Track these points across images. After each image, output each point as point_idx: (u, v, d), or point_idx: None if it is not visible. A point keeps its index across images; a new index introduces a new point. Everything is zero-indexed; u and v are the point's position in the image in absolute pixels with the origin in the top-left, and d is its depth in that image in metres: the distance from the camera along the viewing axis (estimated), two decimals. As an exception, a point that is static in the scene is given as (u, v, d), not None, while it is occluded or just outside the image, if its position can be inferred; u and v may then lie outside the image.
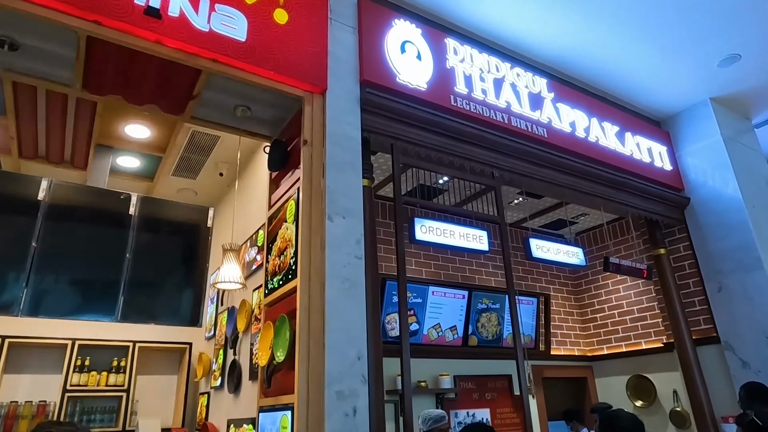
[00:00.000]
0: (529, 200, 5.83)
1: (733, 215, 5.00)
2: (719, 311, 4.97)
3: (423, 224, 3.46)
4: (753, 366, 4.64)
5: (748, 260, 4.82)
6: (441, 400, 5.05)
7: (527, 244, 4.04)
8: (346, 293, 2.81)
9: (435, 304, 5.16)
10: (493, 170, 3.99)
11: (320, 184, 3.02)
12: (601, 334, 6.45)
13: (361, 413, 2.62)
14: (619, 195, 4.86)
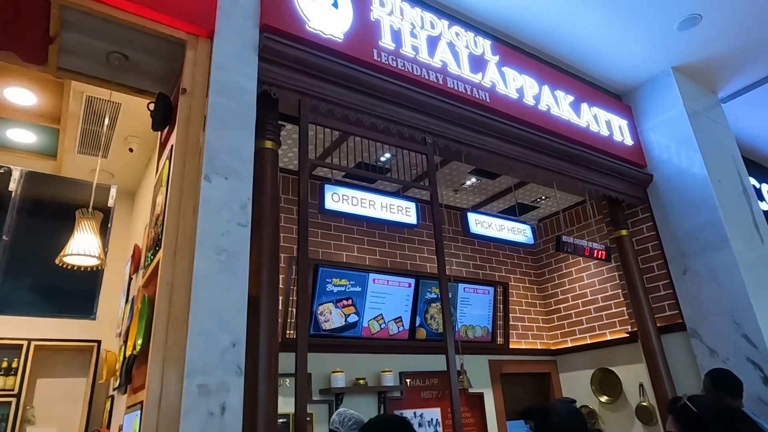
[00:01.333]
0: (483, 181, 5.39)
1: (698, 192, 4.61)
2: (684, 296, 4.57)
3: (335, 192, 2.99)
4: (720, 354, 4.23)
5: (714, 239, 4.42)
6: (384, 399, 4.56)
7: (465, 218, 3.59)
8: (222, 266, 2.31)
9: (377, 293, 4.68)
10: (425, 135, 3.53)
11: (199, 140, 2.53)
12: (565, 326, 6.03)
13: (231, 411, 2.12)
14: (574, 170, 4.43)
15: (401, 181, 3.88)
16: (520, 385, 5.78)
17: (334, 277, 4.44)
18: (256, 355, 2.52)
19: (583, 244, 4.24)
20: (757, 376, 3.99)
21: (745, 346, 4.09)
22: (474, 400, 5.17)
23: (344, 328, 4.45)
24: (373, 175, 3.32)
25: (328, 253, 4.78)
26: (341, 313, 4.44)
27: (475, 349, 5.37)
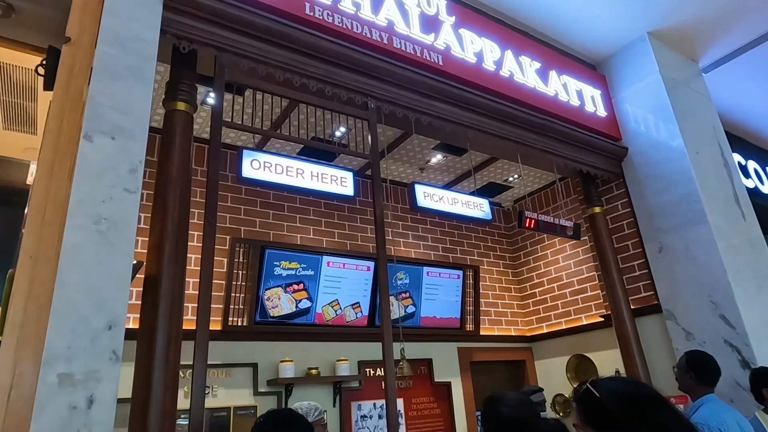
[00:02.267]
0: (450, 158, 5.07)
1: (674, 164, 4.30)
2: (660, 275, 4.27)
3: (255, 158, 2.66)
4: (697, 337, 3.94)
5: (690, 214, 4.12)
6: (339, 390, 4.27)
7: (412, 190, 3.27)
8: (100, 237, 1.99)
9: (331, 278, 4.37)
10: (367, 99, 3.20)
11: (82, 95, 2.20)
12: (540, 311, 5.74)
13: (102, 404, 1.80)
14: (540, 141, 4.11)
15: (337, 148, 3.52)
16: (494, 373, 5.49)
17: (283, 260, 4.13)
18: (151, 341, 2.20)
19: (549, 220, 3.92)
20: (735, 359, 3.70)
21: (723, 328, 3.80)
22: (441, 389, 4.88)
23: (295, 314, 4.15)
24: (301, 141, 2.99)
25: (280, 235, 4.46)
26: (291, 299, 4.13)
27: (442, 336, 5.08)
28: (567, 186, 5.50)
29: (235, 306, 3.96)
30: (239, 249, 4.05)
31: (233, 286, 3.98)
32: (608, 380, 1.04)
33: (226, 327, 3.87)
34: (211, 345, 3.85)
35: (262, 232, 4.36)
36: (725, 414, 2.73)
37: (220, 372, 3.83)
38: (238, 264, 4.03)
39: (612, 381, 1.03)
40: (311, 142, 3.32)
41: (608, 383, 1.03)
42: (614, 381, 1.02)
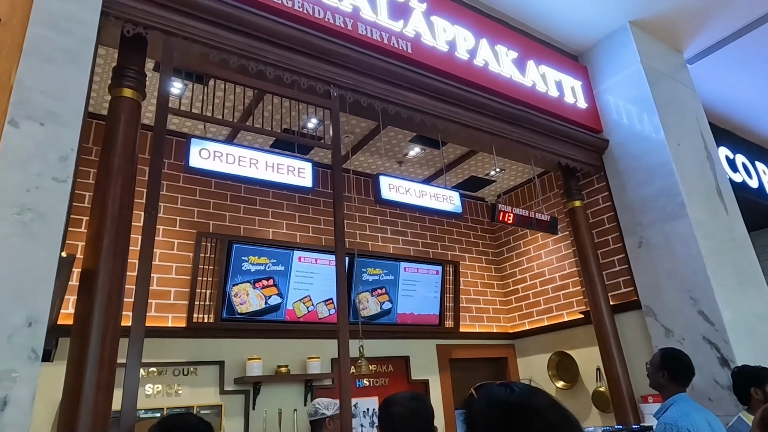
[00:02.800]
0: (428, 151, 4.95)
1: (654, 156, 4.19)
2: (640, 271, 4.16)
3: (204, 147, 2.54)
4: (676, 333, 3.84)
5: (670, 207, 4.01)
6: (311, 388, 4.16)
7: (376, 182, 3.15)
8: (22, 228, 1.87)
9: (303, 273, 4.26)
10: (329, 88, 3.08)
11: (10, 78, 2.08)
12: (522, 308, 5.63)
13: (18, 406, 1.69)
14: (515, 132, 3.99)
15: (297, 138, 3.37)
16: (475, 371, 5.38)
17: (251, 255, 4.02)
18: (85, 338, 2.09)
19: (524, 213, 3.81)
20: (714, 356, 3.59)
21: (701, 324, 3.69)
22: (418, 387, 4.77)
23: (264, 311, 4.03)
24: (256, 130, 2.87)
25: (251, 230, 4.34)
26: (260, 295, 4.01)
27: (420, 333, 4.97)
28: (550, 180, 5.39)
29: (201, 302, 3.84)
30: (206, 243, 3.93)
31: (199, 281, 3.86)
32: (494, 386, 0.92)
33: (191, 324, 3.76)
34: (175, 342, 3.77)
35: (232, 226, 4.24)
36: (696, 414, 2.62)
37: (185, 370, 3.72)
38: (204, 259, 3.91)
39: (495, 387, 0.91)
40: (271, 132, 3.18)
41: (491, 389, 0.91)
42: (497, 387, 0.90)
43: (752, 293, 3.96)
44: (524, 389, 0.87)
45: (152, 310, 3.73)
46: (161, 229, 3.95)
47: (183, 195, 4.15)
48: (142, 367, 3.58)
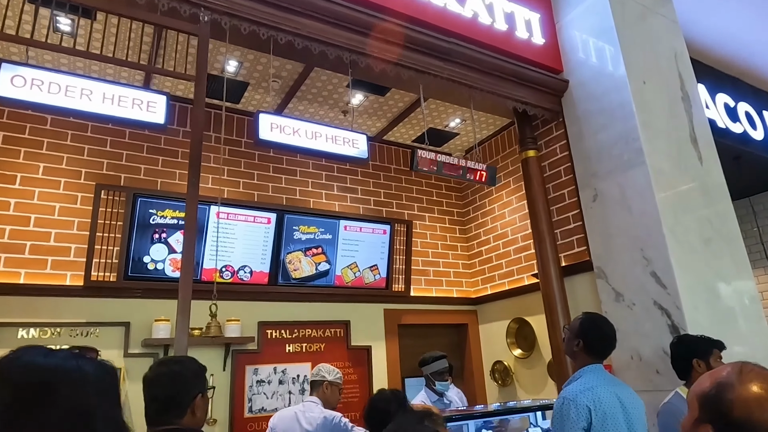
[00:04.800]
0: (373, 98, 4.49)
1: (614, 97, 3.64)
2: (593, 228, 3.68)
3: (18, 74, 2.18)
4: (626, 298, 3.37)
5: (628, 154, 3.48)
6: (230, 352, 3.89)
7: (255, 121, 2.74)
8: None
9: (222, 231, 3.93)
10: (198, 10, 2.66)
11: None
12: (485, 271, 5.20)
13: None
14: (447, 69, 3.49)
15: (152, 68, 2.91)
16: (430, 338, 5.03)
17: (160, 209, 3.71)
18: None
19: (452, 161, 3.35)
20: (664, 323, 3.13)
21: (654, 287, 3.21)
22: (359, 354, 4.46)
23: (177, 270, 3.75)
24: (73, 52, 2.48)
25: (168, 184, 4.02)
26: (175, 260, 3.72)
27: (364, 297, 4.62)
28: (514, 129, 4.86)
29: (104, 260, 3.58)
30: (107, 197, 3.63)
31: (102, 238, 3.59)
32: None
33: (89, 282, 3.50)
34: (71, 302, 3.53)
35: (147, 180, 3.93)
36: (603, 389, 2.20)
37: (84, 331, 3.49)
38: (105, 213, 3.62)
39: None
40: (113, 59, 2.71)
41: None
42: None
43: (720, 255, 3.44)
44: None
45: (48, 267, 3.49)
46: (62, 182, 3.68)
47: (90, 146, 3.85)
48: (33, 327, 3.38)
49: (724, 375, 0.98)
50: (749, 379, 0.93)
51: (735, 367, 0.98)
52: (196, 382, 1.66)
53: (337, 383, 3.08)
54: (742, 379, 0.94)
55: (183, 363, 1.71)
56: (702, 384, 0.99)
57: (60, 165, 3.71)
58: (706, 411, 0.95)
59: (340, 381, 3.10)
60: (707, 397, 0.97)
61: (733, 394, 0.92)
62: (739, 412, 0.90)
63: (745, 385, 0.93)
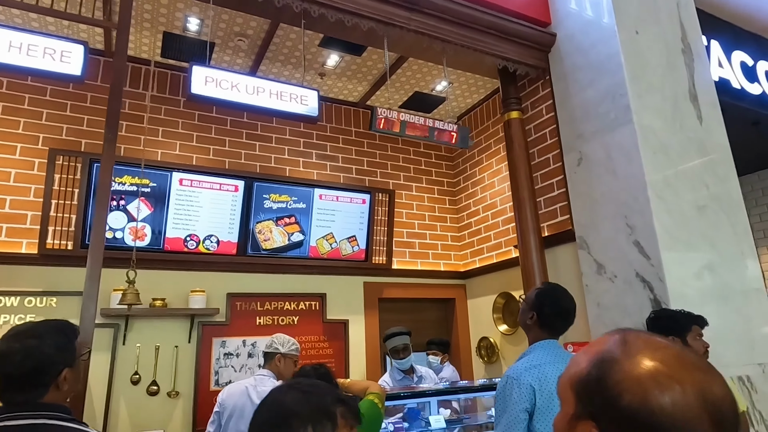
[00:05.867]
0: (350, 59, 4.21)
1: (602, 48, 3.29)
2: (577, 194, 3.37)
3: None
4: (608, 269, 3.09)
5: (615, 112, 3.14)
6: (195, 324, 3.76)
7: (188, 74, 2.51)
8: None
9: (185, 198, 3.77)
10: (122, -47, 2.43)
11: None
12: (474, 244, 4.94)
13: None
14: (415, 20, 3.19)
15: (65, 14, 2.61)
16: (414, 312, 4.83)
17: (119, 175, 3.56)
18: None
19: (416, 121, 3.08)
20: (646, 297, 2.84)
21: (636, 258, 2.92)
22: (335, 328, 4.29)
23: (152, 243, 3.62)
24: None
25: (131, 150, 3.87)
26: (136, 229, 3.59)
27: (342, 269, 4.43)
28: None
29: (61, 228, 3.46)
30: (62, 162, 3.50)
31: (58, 205, 3.46)
32: None
33: (44, 250, 3.39)
34: (27, 270, 3.43)
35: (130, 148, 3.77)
36: (552, 367, 1.96)
37: (40, 300, 3.40)
38: (62, 180, 3.49)
39: None
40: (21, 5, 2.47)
41: None
42: None
43: (718, 224, 3.10)
44: None
45: (2, 234, 3.39)
46: (18, 147, 3.55)
47: (49, 110, 3.70)
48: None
49: (605, 349, 0.69)
50: (637, 349, 0.66)
51: (615, 338, 0.70)
52: (60, 357, 1.45)
53: (291, 355, 2.85)
54: (629, 351, 0.66)
55: (42, 337, 1.46)
56: (577, 365, 0.71)
57: (16, 130, 3.58)
58: (585, 401, 0.67)
59: (296, 353, 2.89)
60: (585, 382, 0.69)
61: (620, 374, 0.64)
62: (631, 396, 0.62)
63: (634, 358, 0.65)
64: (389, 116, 2.96)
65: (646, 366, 0.63)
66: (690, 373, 0.62)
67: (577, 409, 0.67)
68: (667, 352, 0.65)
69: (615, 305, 3.01)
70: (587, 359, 0.70)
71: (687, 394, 0.60)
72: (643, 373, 0.63)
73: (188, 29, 3.75)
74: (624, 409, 0.61)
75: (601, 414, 0.65)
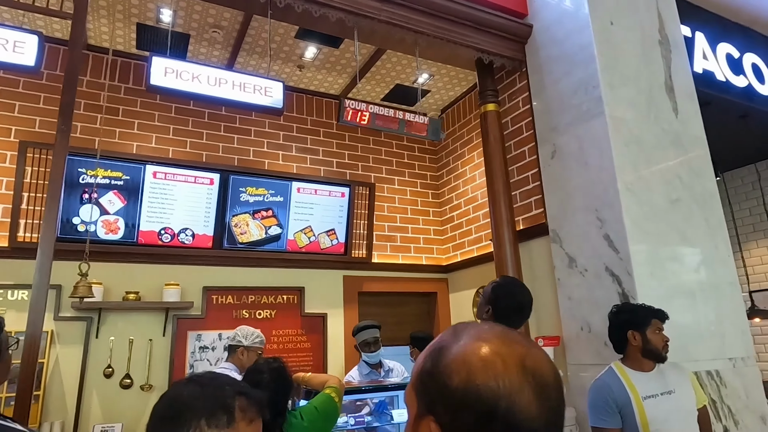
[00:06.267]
0: (327, 51, 4.18)
1: (575, 38, 3.24)
2: (551, 187, 3.34)
3: None
4: (579, 263, 3.06)
5: (587, 104, 3.10)
6: (169, 317, 3.75)
7: (148, 65, 2.48)
8: None
9: (160, 191, 3.75)
10: (78, -58, 2.40)
11: None
12: (456, 237, 4.91)
13: None
14: (386, 11, 3.15)
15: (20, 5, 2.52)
16: (395, 306, 4.82)
17: (90, 167, 3.54)
18: None
19: (386, 113, 3.05)
20: (615, 291, 2.81)
21: (606, 251, 2.89)
22: (313, 322, 4.28)
23: (125, 236, 3.61)
24: None
25: (107, 143, 3.84)
26: (108, 222, 3.57)
27: (321, 262, 4.41)
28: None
29: (26, 220, 3.44)
30: (33, 155, 3.48)
31: (30, 198, 3.45)
32: None
33: (15, 243, 3.38)
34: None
35: (85, 138, 3.76)
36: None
37: (11, 293, 3.39)
38: (33, 173, 3.48)
39: None
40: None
41: None
42: None
43: (690, 217, 3.06)
44: None
45: (-27, 228, 3.38)
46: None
47: (22, 102, 3.68)
48: None
49: (437, 341, 0.70)
50: (465, 334, 0.67)
51: (448, 330, 0.71)
52: None
53: (255, 348, 2.84)
54: (457, 337, 0.67)
55: None
56: (415, 366, 0.70)
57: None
58: (424, 396, 0.65)
59: (260, 345, 2.87)
60: (422, 376, 0.67)
61: (448, 358, 0.64)
62: (458, 377, 0.61)
63: (461, 342, 0.65)
64: (357, 108, 2.93)
65: (471, 347, 0.64)
66: (510, 348, 0.63)
67: (419, 408, 0.66)
68: (490, 332, 0.67)
69: (585, 299, 2.98)
70: (423, 356, 0.71)
71: (508, 366, 0.61)
72: (467, 352, 0.64)
73: (161, 20, 3.72)
74: (454, 391, 0.61)
75: (437, 404, 0.64)
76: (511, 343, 0.64)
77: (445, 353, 0.65)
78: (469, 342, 0.65)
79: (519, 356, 0.62)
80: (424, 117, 3.21)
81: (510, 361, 0.61)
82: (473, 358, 0.62)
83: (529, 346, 0.65)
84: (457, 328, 0.69)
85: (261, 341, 2.88)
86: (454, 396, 0.61)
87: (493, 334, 0.66)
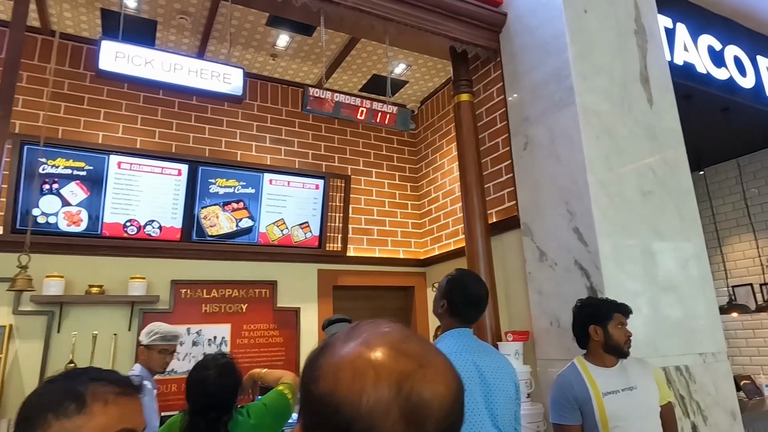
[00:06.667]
0: (300, 39, 4.08)
1: (548, 27, 3.17)
2: (523, 179, 3.28)
3: None
4: (549, 256, 3.00)
5: (559, 93, 3.03)
6: (135, 311, 3.66)
7: (97, 49, 2.38)
8: None
9: (125, 182, 3.65)
10: None
11: None
12: (434, 231, 4.85)
13: None
14: (354, -3, 3.07)
15: None
16: (371, 300, 4.75)
17: (52, 157, 3.43)
18: None
19: (352, 102, 2.96)
20: (583, 285, 2.75)
21: (576, 245, 2.83)
22: (286, 316, 4.20)
23: (89, 228, 3.51)
24: None
25: (71, 132, 3.74)
26: (70, 214, 3.47)
27: (294, 256, 4.32)
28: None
29: None
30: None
31: None
32: None
33: (-15, 235, 3.28)
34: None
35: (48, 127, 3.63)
36: (459, 357, 1.90)
37: (-17, 286, 3.29)
38: None
39: None
40: None
41: None
42: None
43: (663, 211, 3.01)
44: None
45: (-72, 219, 3.27)
46: None
47: (-19, 89, 3.56)
48: None
49: (330, 337, 0.63)
50: (357, 336, 0.58)
51: (351, 326, 0.63)
52: None
53: (156, 346, 2.61)
54: (348, 338, 0.58)
55: None
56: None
57: None
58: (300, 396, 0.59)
59: (161, 342, 2.63)
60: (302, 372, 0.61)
61: (324, 359, 0.56)
62: (324, 383, 0.54)
63: (346, 344, 0.57)
64: (321, 96, 2.84)
65: (352, 351, 0.55)
66: (394, 359, 0.54)
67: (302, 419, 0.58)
68: (384, 338, 0.57)
69: (555, 293, 2.93)
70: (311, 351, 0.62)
71: (380, 380, 0.52)
72: (345, 358, 0.55)
73: (126, 5, 3.60)
74: (317, 398, 0.54)
75: (303, 407, 0.57)
76: (398, 355, 0.54)
77: (325, 353, 0.58)
78: (354, 345, 0.56)
79: (399, 372, 0.53)
80: (393, 107, 3.13)
81: (384, 376, 0.52)
82: (346, 365, 0.54)
83: (422, 363, 0.54)
84: (358, 326, 0.61)
85: (162, 338, 2.64)
86: (316, 404, 0.54)
87: (385, 340, 0.56)
